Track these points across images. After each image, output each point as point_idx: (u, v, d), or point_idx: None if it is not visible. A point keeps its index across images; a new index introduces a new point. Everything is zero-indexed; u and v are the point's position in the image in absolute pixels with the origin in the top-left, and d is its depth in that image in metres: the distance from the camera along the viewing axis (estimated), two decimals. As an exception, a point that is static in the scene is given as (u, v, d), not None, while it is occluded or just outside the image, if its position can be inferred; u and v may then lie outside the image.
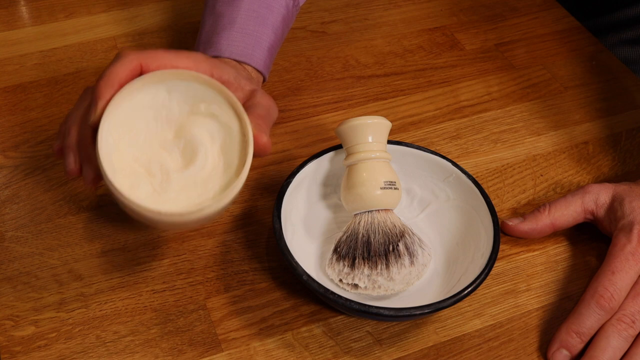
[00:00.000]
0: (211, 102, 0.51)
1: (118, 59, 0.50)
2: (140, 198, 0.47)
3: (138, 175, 0.50)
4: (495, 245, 0.55)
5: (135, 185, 0.49)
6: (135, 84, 0.49)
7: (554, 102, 0.76)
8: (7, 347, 0.53)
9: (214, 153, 0.51)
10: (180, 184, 0.50)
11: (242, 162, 0.50)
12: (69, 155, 0.52)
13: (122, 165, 0.49)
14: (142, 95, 0.50)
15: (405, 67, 0.78)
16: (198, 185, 0.50)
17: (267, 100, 0.56)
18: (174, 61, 0.52)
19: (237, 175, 0.50)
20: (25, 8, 0.82)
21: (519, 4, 0.88)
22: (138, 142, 0.50)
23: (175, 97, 0.51)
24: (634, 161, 0.70)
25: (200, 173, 0.50)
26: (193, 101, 0.51)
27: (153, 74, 0.50)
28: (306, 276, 0.52)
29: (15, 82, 0.73)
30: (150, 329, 0.54)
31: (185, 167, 0.50)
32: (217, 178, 0.50)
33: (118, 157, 0.49)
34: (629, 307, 0.54)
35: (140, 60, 0.50)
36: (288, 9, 0.66)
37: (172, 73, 0.50)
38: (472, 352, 0.55)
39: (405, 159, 0.61)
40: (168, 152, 0.51)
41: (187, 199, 0.50)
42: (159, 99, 0.51)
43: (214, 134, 0.51)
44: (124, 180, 0.48)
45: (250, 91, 0.56)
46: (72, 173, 0.52)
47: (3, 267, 0.57)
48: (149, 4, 0.83)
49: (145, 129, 0.51)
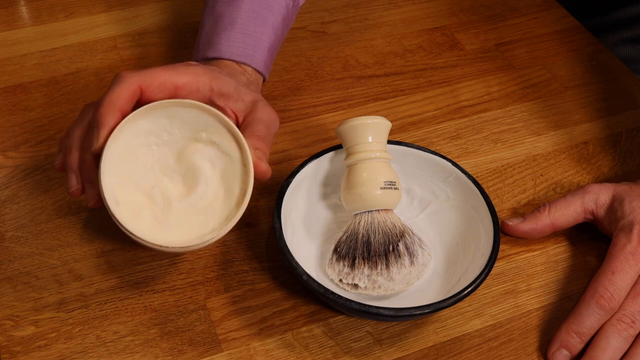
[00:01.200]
0: (212, 131, 0.52)
1: (117, 82, 0.50)
2: (142, 230, 0.49)
3: (139, 204, 0.51)
4: (495, 245, 0.55)
5: (137, 214, 0.50)
6: (136, 114, 0.50)
7: (554, 102, 0.76)
8: (7, 347, 0.53)
9: (215, 181, 0.52)
10: (181, 212, 0.51)
11: (243, 192, 0.51)
12: (71, 177, 0.52)
13: (124, 194, 0.50)
14: (142, 121, 0.51)
15: (405, 67, 0.78)
16: (199, 214, 0.51)
17: (268, 113, 0.56)
18: (174, 78, 0.52)
19: (238, 206, 0.51)
20: (25, 8, 0.82)
21: (519, 4, 0.88)
22: (139, 168, 0.51)
23: (176, 123, 0.51)
24: (634, 161, 0.70)
25: (200, 201, 0.51)
26: (194, 128, 0.52)
27: (154, 104, 0.50)
28: (306, 276, 0.52)
29: (15, 82, 0.73)
30: (150, 329, 0.54)
31: (187, 195, 0.51)
32: (217, 206, 0.51)
33: (120, 185, 0.50)
34: (629, 307, 0.54)
35: (140, 81, 0.50)
36: (288, 9, 0.66)
37: (173, 102, 0.51)
38: (472, 352, 0.55)
39: (405, 159, 0.61)
40: (169, 178, 0.52)
41: (186, 229, 0.51)
42: (161, 125, 0.51)
43: (214, 161, 0.52)
44: (126, 211, 0.49)
45: (252, 102, 0.56)
46: (74, 194, 0.52)
47: (3, 267, 0.57)
48: (149, 4, 0.83)
49: (147, 154, 0.51)
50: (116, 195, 0.49)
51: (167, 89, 0.51)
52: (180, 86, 0.52)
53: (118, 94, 0.49)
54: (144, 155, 0.51)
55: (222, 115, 0.51)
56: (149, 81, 0.50)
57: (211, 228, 0.51)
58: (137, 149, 0.51)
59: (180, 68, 0.53)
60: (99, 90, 0.72)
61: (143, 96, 0.51)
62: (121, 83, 0.50)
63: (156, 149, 0.52)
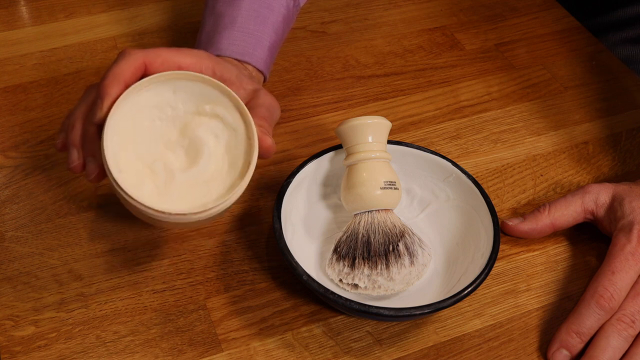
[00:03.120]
0: (217, 104, 0.51)
1: (122, 57, 0.50)
2: (144, 197, 0.48)
3: (142, 174, 0.50)
4: (495, 245, 0.55)
5: (139, 184, 0.49)
6: (142, 84, 0.49)
7: (554, 102, 0.76)
8: (7, 347, 0.53)
9: (218, 154, 0.51)
10: (184, 183, 0.50)
11: (247, 164, 0.50)
12: (73, 151, 0.52)
13: (126, 164, 0.49)
14: (147, 94, 0.50)
15: (405, 67, 0.78)
16: (201, 186, 0.50)
17: (270, 99, 0.56)
18: (178, 58, 0.52)
19: (242, 177, 0.50)
20: (25, 8, 0.82)
21: (519, 4, 0.88)
22: (142, 140, 0.51)
23: (180, 97, 0.51)
24: (634, 161, 0.70)
25: (203, 173, 0.50)
26: (198, 102, 0.51)
27: (159, 75, 0.50)
28: (306, 276, 0.52)
29: (15, 82, 0.73)
30: (150, 329, 0.54)
31: (189, 167, 0.51)
32: (221, 179, 0.51)
33: (123, 155, 0.49)
34: (628, 307, 0.54)
35: (145, 58, 0.50)
36: (289, 9, 0.66)
37: (179, 74, 0.50)
38: (472, 352, 0.55)
39: (405, 159, 0.61)
40: (172, 151, 0.51)
41: (190, 199, 0.50)
42: (164, 98, 0.51)
43: (218, 134, 0.51)
44: (128, 180, 0.48)
45: (253, 90, 0.56)
46: (75, 169, 0.52)
47: (3, 267, 0.57)
48: (149, 4, 0.83)
49: (150, 127, 0.51)
50: (119, 163, 0.49)
51: (171, 67, 0.51)
52: (183, 66, 0.52)
53: (122, 68, 0.49)
54: (147, 128, 0.51)
55: (227, 88, 0.51)
56: (153, 58, 0.51)
57: (215, 197, 0.50)
58: (140, 121, 0.50)
59: (184, 50, 0.53)
60: (99, 90, 0.72)
61: (146, 73, 0.51)
62: (126, 58, 0.50)
63: (160, 123, 0.51)
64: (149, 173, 0.50)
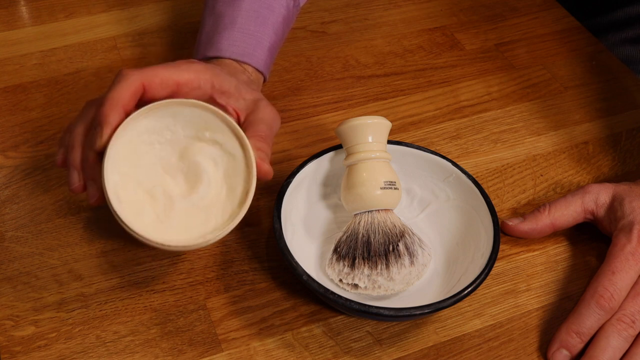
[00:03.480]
0: (215, 130, 0.52)
1: (120, 80, 0.50)
2: (144, 228, 0.49)
3: (142, 202, 0.51)
4: (495, 245, 0.55)
5: (139, 212, 0.50)
6: (141, 112, 0.50)
7: (554, 102, 0.76)
8: (7, 347, 0.53)
9: (217, 180, 0.52)
10: (183, 210, 0.51)
11: (245, 192, 0.51)
12: (73, 174, 0.52)
13: (126, 192, 0.50)
14: (146, 120, 0.51)
15: (405, 67, 0.78)
16: (201, 212, 0.51)
17: (270, 112, 0.56)
18: (176, 76, 0.52)
19: (240, 205, 0.51)
20: (25, 8, 0.82)
21: (519, 4, 0.88)
22: (142, 166, 0.51)
23: (180, 122, 0.52)
24: (634, 161, 0.70)
25: (203, 200, 0.51)
26: (198, 127, 0.52)
27: (159, 103, 0.50)
28: (306, 276, 0.52)
29: (15, 82, 0.73)
30: (150, 329, 0.54)
31: (189, 194, 0.51)
32: (220, 205, 0.51)
33: (123, 184, 0.50)
34: (629, 307, 0.54)
35: (142, 79, 0.50)
36: (289, 9, 0.66)
37: (178, 102, 0.51)
38: (472, 352, 0.55)
39: (405, 159, 0.61)
40: (171, 176, 0.52)
41: (188, 227, 0.51)
42: (164, 123, 0.51)
43: (217, 160, 0.52)
44: (128, 209, 0.49)
45: (253, 101, 0.56)
46: (75, 191, 0.52)
47: (3, 267, 0.57)
48: (149, 4, 0.83)
49: (149, 152, 0.51)
50: (119, 193, 0.49)
51: (169, 86, 0.51)
52: (182, 83, 0.52)
53: (121, 92, 0.49)
54: (147, 153, 0.51)
55: (225, 114, 0.51)
56: (151, 79, 0.51)
57: (213, 227, 0.51)
58: (140, 147, 0.51)
59: (181, 65, 0.53)
60: (99, 90, 0.72)
61: (145, 94, 0.51)
62: (123, 81, 0.50)
63: (159, 147, 0.52)
64: (149, 199, 0.51)
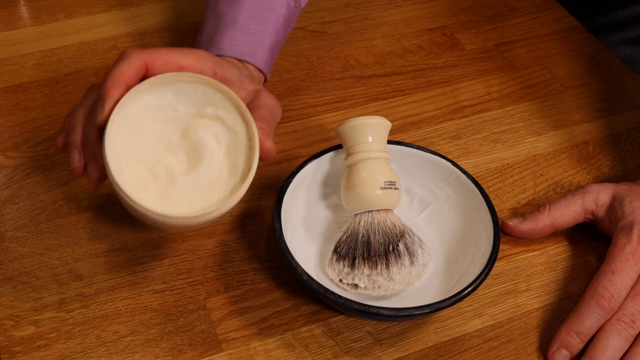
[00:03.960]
0: (218, 106, 0.51)
1: (123, 58, 0.50)
2: (145, 200, 0.48)
3: (143, 177, 0.50)
4: (495, 245, 0.55)
5: (141, 187, 0.49)
6: (143, 85, 0.49)
7: (554, 102, 0.76)
8: (7, 347, 0.53)
9: (220, 156, 0.51)
10: (185, 186, 0.50)
11: (248, 167, 0.50)
12: (74, 153, 0.51)
13: (128, 166, 0.49)
14: (149, 96, 0.50)
15: (405, 67, 0.78)
16: (202, 189, 0.50)
17: (272, 100, 0.56)
18: (179, 59, 0.52)
19: (242, 180, 0.50)
20: (25, 8, 0.82)
21: (519, 4, 0.88)
22: (143, 143, 0.51)
23: (182, 99, 0.51)
24: (634, 161, 0.70)
25: (205, 176, 0.51)
26: (200, 104, 0.51)
27: (160, 76, 0.50)
28: (306, 276, 0.52)
29: (15, 82, 0.73)
30: (150, 329, 0.54)
31: (191, 170, 0.51)
32: (222, 182, 0.51)
33: (124, 158, 0.49)
34: (629, 307, 0.54)
35: (146, 59, 0.50)
36: (290, 9, 0.66)
37: (180, 76, 0.50)
38: (472, 352, 0.55)
39: (405, 159, 0.61)
40: (173, 153, 0.51)
41: (191, 202, 0.50)
42: (166, 100, 0.51)
43: (219, 137, 0.51)
44: (130, 182, 0.48)
45: (254, 91, 0.56)
46: (76, 171, 0.52)
47: (3, 267, 0.57)
48: (149, 4, 0.83)
49: (151, 130, 0.51)
50: (120, 165, 0.49)
51: (172, 68, 0.51)
52: (184, 67, 0.52)
53: (123, 69, 0.49)
54: (148, 130, 0.51)
55: (228, 90, 0.51)
56: (154, 59, 0.51)
57: (216, 201, 0.50)
58: (141, 124, 0.50)
59: (185, 50, 0.53)
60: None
61: (148, 73, 0.51)
62: (127, 59, 0.50)
63: (160, 125, 0.51)
64: (151, 176, 0.50)
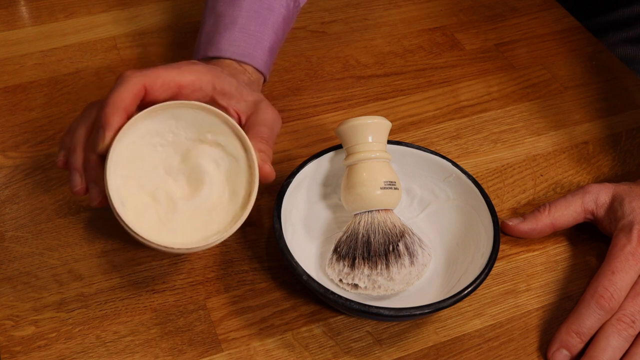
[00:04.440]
0: (217, 132, 0.52)
1: (122, 82, 0.50)
2: (147, 231, 0.48)
3: (144, 205, 0.51)
4: (495, 245, 0.55)
5: (142, 215, 0.50)
6: (143, 115, 0.50)
7: (554, 102, 0.76)
8: (7, 347, 0.53)
9: (219, 182, 0.52)
10: (186, 213, 0.51)
11: (248, 194, 0.51)
12: (75, 177, 0.52)
13: (128, 194, 0.50)
14: (149, 121, 0.51)
15: (405, 67, 0.78)
16: (203, 215, 0.51)
17: (271, 113, 0.56)
18: (177, 77, 0.52)
19: (243, 208, 0.51)
20: (25, 8, 0.82)
21: (519, 4, 0.88)
22: (144, 168, 0.51)
23: (182, 125, 0.52)
24: (634, 161, 0.70)
25: (205, 202, 0.51)
26: (200, 129, 0.52)
27: (160, 105, 0.50)
28: (306, 276, 0.52)
29: (15, 82, 0.73)
30: (150, 329, 0.54)
31: (191, 196, 0.51)
32: (222, 208, 0.52)
33: (125, 187, 0.50)
34: (629, 307, 0.54)
35: (144, 81, 0.50)
36: (289, 9, 0.66)
37: (179, 104, 0.51)
38: (472, 352, 0.55)
39: (405, 159, 0.61)
40: (173, 178, 0.52)
41: (191, 230, 0.51)
42: (166, 126, 0.51)
43: (219, 162, 0.52)
44: (131, 212, 0.49)
45: (254, 102, 0.56)
46: (78, 194, 0.52)
47: (3, 267, 0.57)
48: (149, 4, 0.83)
49: (152, 154, 0.51)
50: (122, 196, 0.49)
51: (171, 88, 0.51)
52: (183, 85, 0.52)
53: (122, 95, 0.49)
54: (149, 155, 0.51)
55: (227, 116, 0.51)
56: (153, 81, 0.51)
57: (216, 229, 0.51)
58: (142, 149, 0.51)
59: (183, 67, 0.53)
60: (99, 90, 0.72)
61: (147, 96, 0.51)
62: (125, 83, 0.50)
63: (161, 149, 0.52)
64: (151, 202, 0.51)
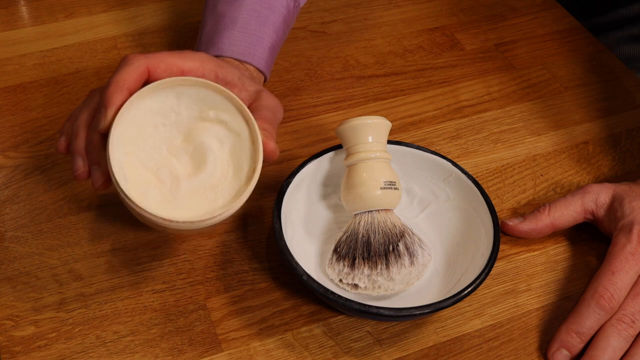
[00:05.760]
0: (220, 109, 0.51)
1: (125, 63, 0.50)
2: (151, 206, 0.48)
3: (148, 182, 0.50)
4: (495, 245, 0.55)
5: (145, 192, 0.50)
6: (145, 91, 0.49)
7: (554, 102, 0.76)
8: (7, 347, 0.53)
9: (223, 159, 0.51)
10: (190, 190, 0.51)
11: (252, 169, 0.51)
12: (78, 159, 0.52)
13: (132, 172, 0.50)
14: (151, 101, 0.50)
15: (405, 67, 0.78)
16: (207, 192, 0.51)
17: (273, 101, 0.56)
18: (180, 62, 0.52)
19: (247, 182, 0.51)
20: (25, 8, 0.82)
21: (519, 4, 0.88)
22: (147, 147, 0.51)
23: (184, 103, 0.51)
24: (634, 161, 0.70)
25: (209, 179, 0.51)
26: (202, 107, 0.51)
27: (162, 81, 0.50)
28: (306, 276, 0.52)
29: (15, 82, 0.73)
30: (150, 329, 0.54)
31: (195, 173, 0.51)
32: (226, 184, 0.51)
33: (128, 164, 0.49)
34: (629, 307, 0.54)
35: (147, 63, 0.50)
36: (289, 9, 0.66)
37: (181, 80, 0.50)
38: (472, 352, 0.55)
39: (405, 159, 0.61)
40: (177, 157, 0.52)
41: (196, 206, 0.50)
42: (168, 104, 0.51)
43: (222, 139, 0.51)
44: (134, 188, 0.49)
45: (255, 91, 0.56)
46: (80, 177, 0.52)
47: (3, 267, 0.57)
48: (149, 4, 0.83)
49: (154, 134, 0.51)
50: (125, 171, 0.49)
51: (174, 72, 0.52)
52: (186, 71, 0.52)
53: (125, 75, 0.49)
54: (152, 135, 0.51)
55: (230, 93, 0.51)
56: (156, 64, 0.51)
57: (221, 204, 0.50)
58: (144, 128, 0.51)
59: (186, 54, 0.53)
60: (99, 90, 0.72)
61: (150, 78, 0.51)
62: (129, 64, 0.50)
63: (163, 129, 0.51)
64: (155, 180, 0.51)
